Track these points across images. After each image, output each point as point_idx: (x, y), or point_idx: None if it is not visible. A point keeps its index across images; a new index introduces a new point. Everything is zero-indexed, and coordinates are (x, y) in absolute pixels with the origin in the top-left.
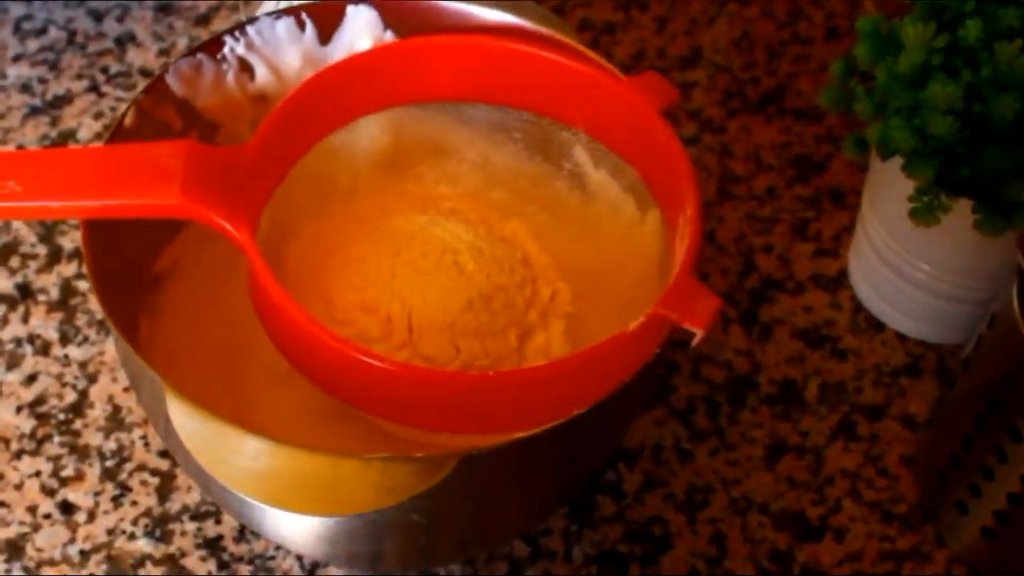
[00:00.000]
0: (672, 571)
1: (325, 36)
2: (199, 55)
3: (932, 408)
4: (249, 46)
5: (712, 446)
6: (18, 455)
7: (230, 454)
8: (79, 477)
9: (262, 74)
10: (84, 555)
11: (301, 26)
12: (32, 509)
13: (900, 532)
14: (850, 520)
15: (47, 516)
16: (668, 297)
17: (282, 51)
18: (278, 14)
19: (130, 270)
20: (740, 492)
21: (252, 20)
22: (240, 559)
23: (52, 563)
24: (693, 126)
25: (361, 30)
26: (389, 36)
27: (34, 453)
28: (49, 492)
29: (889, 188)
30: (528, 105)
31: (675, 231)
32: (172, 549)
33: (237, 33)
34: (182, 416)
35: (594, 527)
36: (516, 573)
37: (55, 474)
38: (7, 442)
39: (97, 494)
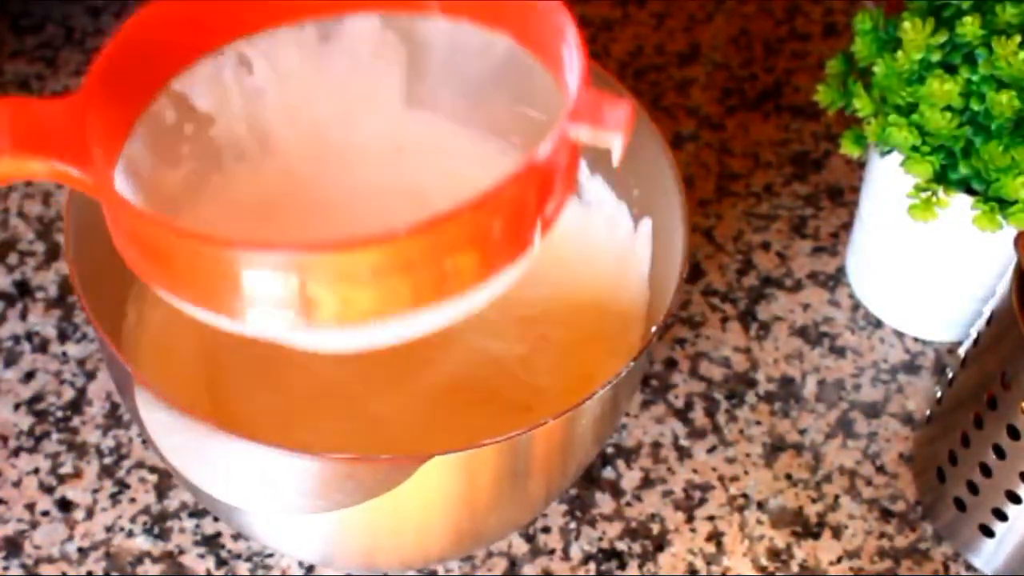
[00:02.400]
0: (670, 569)
1: (324, 33)
2: None
3: (930, 405)
4: (247, 40)
5: (710, 444)
6: (16, 452)
7: (196, 449)
8: (77, 474)
9: (260, 69)
10: (82, 552)
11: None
12: (30, 506)
13: (898, 530)
14: (848, 518)
15: (45, 513)
16: (575, 110)
17: (281, 46)
18: None
19: (119, 258)
20: (738, 489)
21: None
22: (238, 556)
23: (50, 560)
24: (691, 123)
25: (360, 29)
26: (389, 36)
27: (32, 450)
28: (47, 489)
29: (887, 185)
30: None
31: (562, 68)
32: (170, 546)
33: None
34: (149, 409)
35: (593, 524)
36: (515, 570)
37: (53, 471)
38: (5, 439)
39: (95, 491)
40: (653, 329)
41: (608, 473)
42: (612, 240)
